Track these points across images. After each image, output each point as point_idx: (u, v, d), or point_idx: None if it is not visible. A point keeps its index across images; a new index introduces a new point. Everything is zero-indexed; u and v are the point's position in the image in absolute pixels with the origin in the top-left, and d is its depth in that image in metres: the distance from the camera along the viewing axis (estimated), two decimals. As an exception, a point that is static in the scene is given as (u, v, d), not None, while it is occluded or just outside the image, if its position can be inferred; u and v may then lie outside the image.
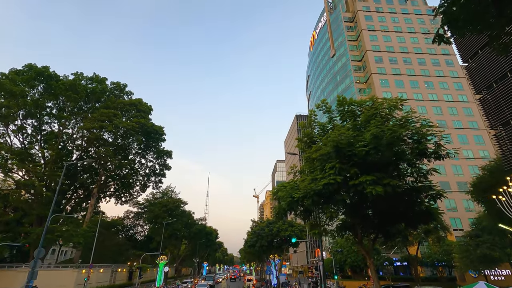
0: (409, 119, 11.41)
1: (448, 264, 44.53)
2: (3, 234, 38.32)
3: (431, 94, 62.85)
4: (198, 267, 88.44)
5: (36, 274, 17.82)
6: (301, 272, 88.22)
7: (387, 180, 10.26)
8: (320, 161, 11.78)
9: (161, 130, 56.10)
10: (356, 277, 49.01)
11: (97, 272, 42.14)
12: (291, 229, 44.92)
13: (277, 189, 14.45)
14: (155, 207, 55.46)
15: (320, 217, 14.70)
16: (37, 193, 41.81)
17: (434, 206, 12.52)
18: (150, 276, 56.26)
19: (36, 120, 46.84)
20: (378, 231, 13.52)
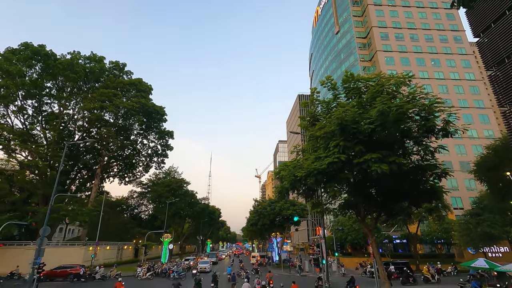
0: (416, 96, 10.93)
1: (447, 241, 45.34)
2: (11, 213, 39.11)
3: (437, 72, 61.27)
4: (202, 244, 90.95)
5: (43, 251, 18.19)
6: (302, 249, 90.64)
7: (392, 158, 9.99)
8: (324, 139, 11.46)
9: (162, 111, 55.58)
10: (356, 254, 50.16)
11: (103, 249, 43.36)
12: (293, 208, 45.54)
13: (280, 168, 14.24)
14: (158, 187, 56.11)
15: (323, 196, 14.63)
16: (42, 173, 42.23)
17: (438, 184, 12.32)
18: (155, 253, 57.98)
19: (36, 101, 46.45)
20: (381, 210, 13.44)
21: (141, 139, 58.09)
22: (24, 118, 45.65)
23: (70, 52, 47.36)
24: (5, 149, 41.45)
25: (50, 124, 46.03)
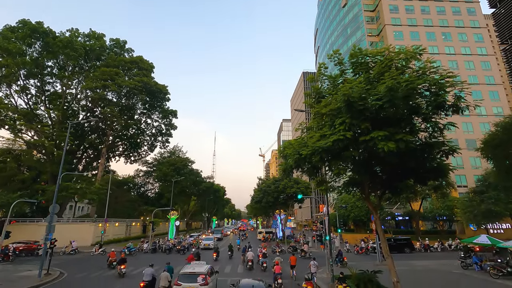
0: (426, 70, 10.45)
1: (449, 218, 45.89)
2: (21, 192, 40.18)
3: (448, 47, 59.05)
4: (208, 221, 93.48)
5: (53, 227, 18.75)
6: (306, 226, 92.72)
7: (400, 136, 9.73)
8: (329, 116, 11.18)
9: (165, 89, 55.08)
10: (358, 230, 51.18)
11: (112, 226, 44.74)
12: (296, 186, 46.06)
13: (284, 146, 14.06)
14: (163, 166, 56.80)
15: (327, 174, 14.58)
16: (48, 153, 42.85)
17: (445, 162, 12.12)
18: (162, 229, 59.77)
19: (38, 80, 46.19)
20: (385, 187, 13.38)
21: (145, 119, 58.23)
22: (27, 98, 45.65)
23: (69, 29, 46.44)
24: (12, 129, 41.83)
25: (53, 103, 46.05)
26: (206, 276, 13.05)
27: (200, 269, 13.72)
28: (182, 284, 12.70)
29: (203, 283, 12.69)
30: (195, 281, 12.73)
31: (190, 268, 13.97)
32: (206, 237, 42.16)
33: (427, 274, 20.48)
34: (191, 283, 12.67)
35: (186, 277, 12.99)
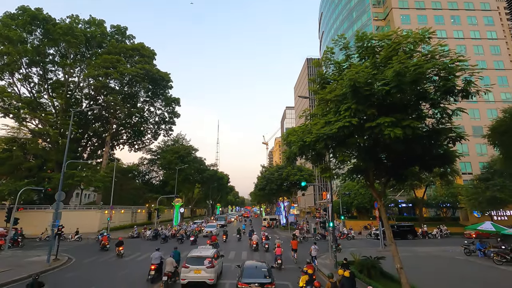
0: (436, 54, 10.09)
1: (453, 205, 45.91)
2: (28, 179, 40.80)
3: (457, 31, 57.36)
4: (212, 208, 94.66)
5: (60, 214, 19.03)
6: (309, 213, 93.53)
7: (407, 122, 9.50)
8: (334, 102, 10.93)
9: (167, 77, 54.65)
10: (361, 217, 51.50)
11: (118, 213, 45.48)
12: (300, 173, 46.08)
13: (288, 133, 13.90)
14: (167, 154, 57.07)
15: (331, 161, 14.45)
16: (53, 141, 43.17)
17: (452, 149, 11.90)
18: (167, 216, 60.67)
19: (40, 69, 46.04)
20: (390, 175, 13.23)
21: (148, 107, 58.16)
22: (30, 86, 45.65)
23: (69, 16, 45.89)
24: (16, 117, 42.05)
25: (56, 92, 46.02)
26: (212, 260, 13.68)
27: (206, 253, 14.38)
28: (189, 266, 13.28)
29: (209, 266, 13.34)
30: (202, 264, 13.36)
31: (197, 252, 14.63)
32: (209, 224, 41.01)
33: (430, 260, 20.61)
34: (198, 265, 13.31)
35: (194, 260, 13.61)
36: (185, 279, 13.14)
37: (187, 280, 13.12)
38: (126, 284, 14.45)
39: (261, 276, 12.02)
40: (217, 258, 14.91)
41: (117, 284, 14.59)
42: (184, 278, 13.17)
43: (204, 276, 13.19)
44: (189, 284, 13.19)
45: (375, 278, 13.81)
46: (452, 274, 16.74)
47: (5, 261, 19.11)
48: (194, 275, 13.19)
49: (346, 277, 10.75)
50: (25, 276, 15.33)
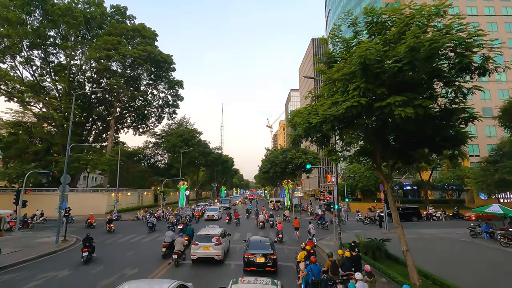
0: (451, 29, 9.42)
1: (459, 188, 45.62)
2: (35, 163, 41.35)
3: (470, 7, 54.68)
4: (217, 191, 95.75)
5: (66, 197, 19.23)
6: (313, 195, 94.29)
7: (419, 101, 9.02)
8: (342, 81, 10.42)
9: (170, 59, 53.74)
10: (366, 199, 51.64)
11: (125, 195, 46.18)
12: (304, 156, 45.86)
13: (293, 115, 13.49)
14: (172, 137, 57.11)
15: (338, 143, 14.11)
16: (58, 125, 43.34)
17: (463, 130, 11.45)
18: (173, 199, 61.58)
19: (42, 51, 45.47)
20: (398, 157, 12.89)
21: (151, 90, 57.76)
22: (32, 70, 45.33)
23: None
24: (20, 101, 42.07)
25: (59, 75, 45.66)
26: (219, 238, 14.78)
27: (214, 231, 15.51)
28: (199, 244, 14.42)
29: (217, 243, 14.42)
30: (210, 242, 14.46)
31: (206, 231, 15.79)
32: (211, 208, 38.56)
33: (435, 242, 20.59)
34: (206, 243, 14.42)
35: (202, 238, 14.74)
36: (195, 255, 14.25)
37: (197, 256, 14.24)
38: (142, 260, 15.28)
39: (264, 248, 13.28)
40: (224, 236, 15.97)
41: (133, 260, 15.39)
42: (194, 254, 14.27)
43: (212, 253, 14.25)
44: (198, 260, 14.28)
45: (380, 260, 13.82)
46: (458, 256, 16.70)
47: (16, 242, 19.59)
48: (203, 252, 14.27)
49: (346, 257, 11.02)
50: (35, 257, 15.70)
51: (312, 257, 10.84)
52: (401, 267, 13.06)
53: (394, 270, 12.23)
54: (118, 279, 11.80)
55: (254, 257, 12.85)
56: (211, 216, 34.03)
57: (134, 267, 13.89)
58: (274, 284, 7.44)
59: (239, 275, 11.41)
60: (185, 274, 12.96)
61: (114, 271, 13.20)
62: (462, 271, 13.47)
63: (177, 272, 13.23)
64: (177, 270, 13.53)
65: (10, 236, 22.00)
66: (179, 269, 13.79)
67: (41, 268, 13.72)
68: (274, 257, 12.94)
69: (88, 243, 15.15)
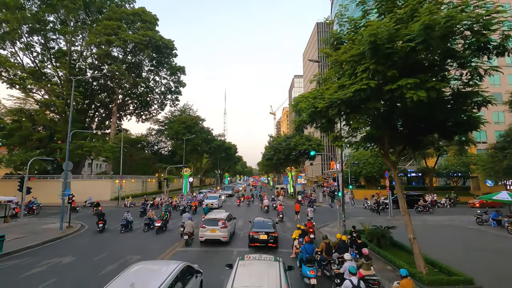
0: (469, 5, 8.75)
1: (464, 174, 45.15)
2: (40, 150, 41.53)
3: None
4: (220, 178, 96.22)
5: (69, 184, 19.19)
6: (316, 182, 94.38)
7: (432, 83, 8.52)
8: (350, 63, 9.87)
9: (171, 44, 52.77)
10: (369, 186, 51.47)
11: (129, 182, 46.45)
12: (308, 143, 45.44)
13: (298, 100, 12.96)
14: (174, 124, 56.87)
15: (344, 129, 13.67)
16: (60, 112, 43.20)
17: (476, 114, 10.93)
18: (177, 185, 61.94)
19: (42, 37, 44.75)
20: (406, 143, 12.46)
21: (153, 76, 57.22)
22: (33, 56, 44.80)
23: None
24: (22, 88, 41.83)
25: (59, 61, 45.11)
26: (225, 221, 16.05)
27: (220, 215, 16.84)
28: (206, 227, 15.73)
29: (223, 226, 15.67)
30: (217, 225, 15.70)
31: (213, 215, 17.22)
32: (210, 196, 36.36)
33: (441, 229, 20.37)
34: (213, 226, 15.69)
35: (210, 222, 16.00)
36: (203, 237, 15.64)
37: (205, 238, 15.63)
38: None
39: (267, 228, 15.10)
40: (229, 220, 17.25)
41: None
42: (202, 236, 15.67)
43: (218, 235, 15.55)
44: (206, 241, 15.75)
45: (385, 248, 13.63)
46: (465, 243, 16.46)
47: (21, 228, 19.75)
48: (210, 234, 15.59)
49: (343, 241, 11.35)
50: (39, 243, 15.77)
51: (306, 238, 11.58)
52: (407, 254, 12.87)
53: (400, 257, 12.05)
54: (120, 266, 11.76)
55: (258, 235, 14.56)
56: (210, 205, 31.49)
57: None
58: (277, 260, 8.05)
59: None
60: (196, 251, 14.68)
61: (118, 258, 13.19)
62: (469, 258, 13.26)
63: (188, 250, 14.92)
64: (188, 248, 15.26)
65: (15, 222, 22.23)
66: (190, 247, 15.40)
67: (45, 254, 13.77)
68: (275, 235, 14.63)
69: (102, 217, 19.21)
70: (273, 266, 7.44)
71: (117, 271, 8.85)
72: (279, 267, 7.42)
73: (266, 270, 7.19)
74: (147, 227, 19.67)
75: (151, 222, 19.80)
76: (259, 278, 6.70)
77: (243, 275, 6.88)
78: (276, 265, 7.56)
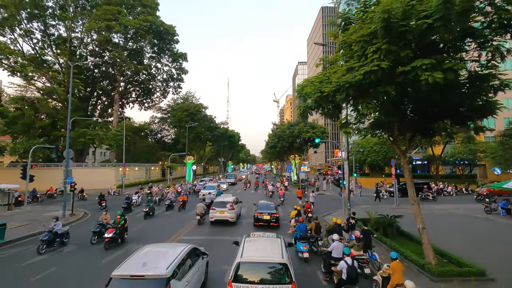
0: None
1: (471, 162, 44.44)
2: (43, 138, 41.50)
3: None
4: (224, 166, 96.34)
5: (70, 172, 19.04)
6: (319, 170, 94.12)
7: (449, 64, 7.91)
8: (360, 44, 9.21)
9: (173, 30, 51.66)
10: (374, 174, 51.06)
11: (132, 170, 46.50)
12: (312, 130, 44.82)
13: (303, 86, 12.37)
14: (177, 111, 56.43)
15: (351, 115, 13.09)
16: (62, 100, 42.83)
17: (493, 99, 10.30)
18: (180, 173, 62.08)
19: (41, 23, 43.92)
20: (416, 130, 11.90)
21: (155, 63, 56.40)
22: (33, 43, 44.10)
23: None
24: (24, 76, 41.41)
25: (60, 48, 44.40)
26: (232, 204, 18.23)
27: (228, 199, 19.10)
28: (215, 209, 17.90)
29: (230, 209, 17.85)
30: (225, 207, 17.87)
31: (221, 198, 19.50)
32: (207, 186, 32.67)
33: (448, 218, 19.98)
34: (222, 208, 17.88)
35: (219, 204, 18.25)
36: (213, 218, 17.81)
37: (214, 218, 17.79)
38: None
39: (269, 209, 17.46)
40: (236, 203, 19.36)
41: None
42: (212, 217, 17.84)
43: (226, 216, 17.69)
44: (216, 222, 17.88)
45: (392, 237, 13.30)
46: (473, 233, 16.05)
47: (24, 216, 19.76)
48: (219, 215, 17.73)
49: (338, 224, 12.06)
50: (42, 231, 15.66)
51: (300, 218, 13.66)
52: (414, 244, 12.55)
53: (407, 247, 11.72)
54: (124, 253, 11.58)
55: (262, 215, 16.98)
56: (206, 195, 26.25)
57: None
58: (279, 237, 9.18)
59: None
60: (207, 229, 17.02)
61: (126, 244, 13.02)
62: (478, 248, 12.88)
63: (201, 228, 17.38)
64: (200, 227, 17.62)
65: (19, 210, 22.29)
66: (202, 226, 17.80)
67: (48, 242, 13.61)
68: (277, 215, 16.98)
69: (103, 198, 22.73)
70: (275, 242, 8.49)
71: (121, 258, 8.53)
72: (281, 243, 8.46)
73: (270, 245, 8.25)
74: (97, 236, 13.98)
75: (103, 230, 14.01)
76: (264, 251, 7.76)
77: (250, 249, 7.84)
78: (278, 241, 8.62)
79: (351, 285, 7.52)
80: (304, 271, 10.30)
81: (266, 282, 6.82)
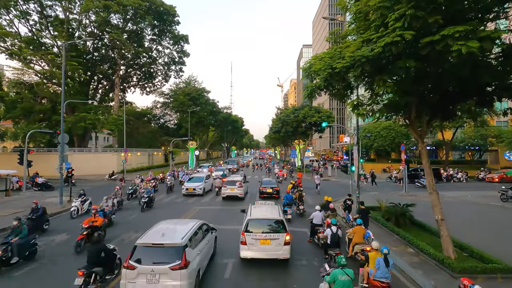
0: None
1: (482, 148, 43.09)
2: (43, 123, 40.81)
3: None
4: (227, 151, 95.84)
5: (66, 157, 18.42)
6: (323, 155, 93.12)
7: (487, 32, 6.72)
8: (379, 11, 7.96)
9: (173, 10, 49.72)
10: (380, 160, 50.03)
11: (135, 155, 45.98)
12: (317, 115, 43.51)
13: (311, 63, 11.10)
14: (179, 95, 55.23)
15: (364, 96, 11.91)
16: (61, 84, 41.81)
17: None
18: (183, 159, 61.62)
19: (37, 4, 42.26)
20: (437, 111, 10.77)
21: (156, 46, 54.66)
22: (30, 24, 42.61)
23: None
24: (22, 58, 40.29)
25: (57, 30, 42.96)
26: (241, 182, 22.14)
27: (237, 178, 23.57)
28: (227, 186, 21.59)
29: (239, 186, 21.59)
30: (235, 185, 21.56)
31: (231, 177, 24.33)
32: (195, 177, 25.94)
33: (462, 206, 18.98)
34: (232, 186, 21.54)
35: (229, 183, 21.99)
36: (224, 194, 21.52)
37: (226, 194, 21.45)
38: None
39: (271, 184, 22.36)
40: (244, 182, 23.38)
41: None
42: (224, 194, 21.59)
43: (236, 192, 21.32)
44: (227, 197, 21.49)
45: (405, 227, 12.44)
46: (490, 223, 15.06)
47: (21, 202, 19.25)
48: (230, 192, 21.32)
49: (328, 201, 13.89)
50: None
51: (287, 190, 19.09)
52: (429, 235, 11.71)
53: (422, 239, 10.87)
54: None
55: (265, 189, 21.53)
56: (191, 191, 22.71)
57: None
58: (276, 204, 12.13)
59: None
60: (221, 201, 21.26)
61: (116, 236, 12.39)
62: (499, 241, 11.92)
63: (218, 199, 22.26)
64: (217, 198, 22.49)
65: (17, 196, 21.85)
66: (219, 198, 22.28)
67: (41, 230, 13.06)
68: (277, 189, 21.74)
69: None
70: (274, 207, 11.47)
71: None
72: (278, 208, 11.41)
73: (270, 209, 11.12)
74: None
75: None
76: (266, 212, 10.54)
77: (255, 211, 10.59)
78: (276, 207, 11.52)
79: (334, 248, 9.24)
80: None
81: (268, 232, 9.43)
